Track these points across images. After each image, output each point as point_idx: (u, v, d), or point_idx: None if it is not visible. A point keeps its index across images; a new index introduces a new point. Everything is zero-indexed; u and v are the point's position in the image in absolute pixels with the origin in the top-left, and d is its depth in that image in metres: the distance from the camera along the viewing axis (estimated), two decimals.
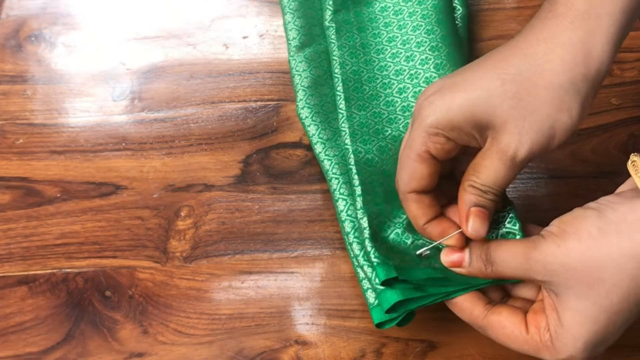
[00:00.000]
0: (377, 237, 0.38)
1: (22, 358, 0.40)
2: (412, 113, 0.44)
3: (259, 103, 0.49)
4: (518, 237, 0.35)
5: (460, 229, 0.35)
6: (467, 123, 0.32)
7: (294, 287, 0.42)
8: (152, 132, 0.48)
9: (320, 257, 0.43)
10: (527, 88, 0.32)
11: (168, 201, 0.45)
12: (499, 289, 0.37)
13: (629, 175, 0.33)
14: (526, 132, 0.32)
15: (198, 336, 0.41)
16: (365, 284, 0.38)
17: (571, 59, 0.32)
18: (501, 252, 0.33)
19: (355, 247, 0.39)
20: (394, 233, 0.39)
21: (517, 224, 0.35)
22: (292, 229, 0.44)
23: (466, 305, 0.35)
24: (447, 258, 0.35)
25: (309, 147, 0.47)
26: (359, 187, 0.40)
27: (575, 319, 0.31)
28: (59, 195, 0.46)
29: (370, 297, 0.38)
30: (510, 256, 0.33)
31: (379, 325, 0.37)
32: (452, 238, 0.35)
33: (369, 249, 0.37)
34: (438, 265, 0.36)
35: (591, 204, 0.31)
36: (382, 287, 0.36)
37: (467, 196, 0.34)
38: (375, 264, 0.36)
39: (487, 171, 0.33)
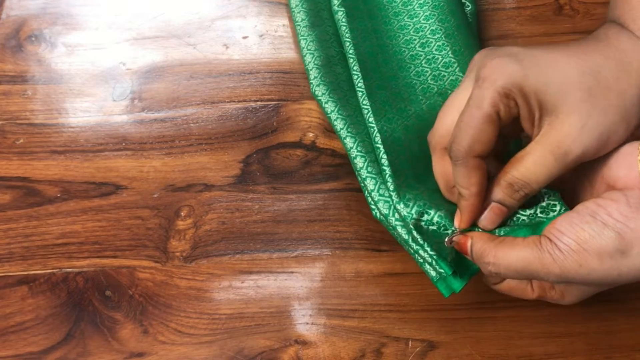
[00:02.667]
0: (421, 227, 0.37)
1: (22, 358, 0.40)
2: (434, 93, 0.43)
3: (259, 103, 0.49)
4: (558, 205, 0.35)
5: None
6: (537, 97, 0.32)
7: (294, 287, 0.42)
8: (152, 132, 0.48)
9: (320, 257, 0.43)
10: (602, 88, 0.32)
11: (168, 201, 0.45)
12: None
13: None
14: (588, 130, 0.31)
15: (198, 336, 0.41)
16: (419, 258, 0.37)
17: None
18: (507, 259, 0.33)
19: (402, 231, 0.38)
20: (437, 215, 0.37)
21: (557, 194, 0.35)
22: (292, 229, 0.44)
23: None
24: (458, 245, 0.36)
25: (309, 147, 0.47)
26: (389, 168, 0.38)
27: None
28: (59, 195, 0.46)
29: (430, 270, 0.37)
30: (520, 265, 0.32)
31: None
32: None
33: (420, 241, 0.36)
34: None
35: (606, 219, 0.31)
36: (448, 274, 0.36)
37: (497, 190, 0.34)
38: (435, 257, 0.36)
39: (532, 162, 0.33)
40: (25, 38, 0.53)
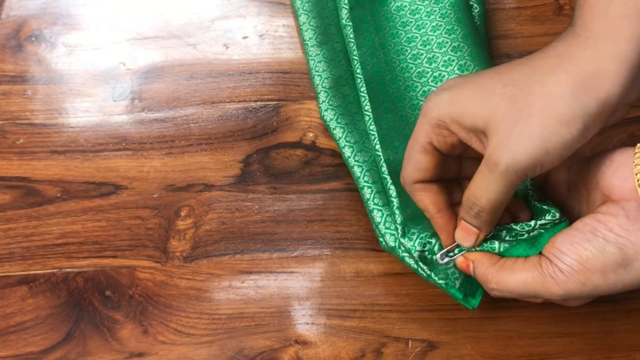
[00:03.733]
0: (425, 258, 0.38)
1: (22, 358, 0.40)
2: None
3: (259, 103, 0.49)
4: (558, 220, 0.35)
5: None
6: (468, 120, 0.32)
7: (294, 287, 0.42)
8: (152, 132, 0.48)
9: (320, 257, 0.43)
10: (525, 93, 0.31)
11: (168, 201, 0.45)
12: None
13: None
14: (515, 137, 0.30)
15: (198, 336, 0.41)
16: (435, 282, 0.38)
17: (578, 74, 0.30)
18: (509, 282, 0.33)
19: (411, 261, 0.38)
20: (438, 244, 0.37)
21: (557, 210, 0.35)
22: (292, 229, 0.44)
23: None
24: (460, 267, 0.36)
25: (309, 147, 0.47)
26: (396, 199, 0.39)
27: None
28: (59, 195, 0.46)
29: (451, 293, 0.38)
30: (522, 288, 0.33)
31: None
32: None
33: (428, 272, 0.37)
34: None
35: (607, 235, 0.31)
36: (459, 299, 0.37)
37: (461, 208, 0.35)
38: (444, 285, 0.37)
39: (476, 179, 0.33)
40: (25, 38, 0.53)
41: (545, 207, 0.35)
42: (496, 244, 0.35)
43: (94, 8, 0.54)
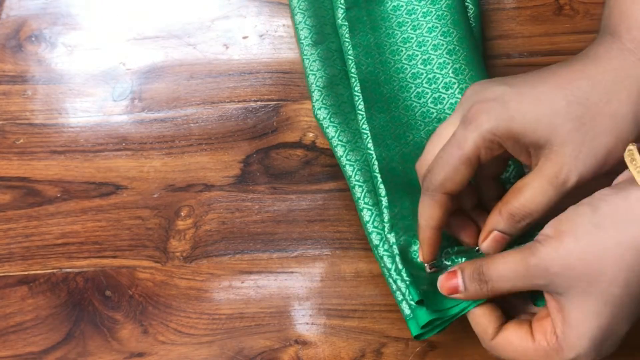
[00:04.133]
0: (406, 254, 0.38)
1: (22, 358, 0.40)
2: (433, 118, 0.43)
3: (259, 103, 0.49)
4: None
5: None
6: (527, 137, 0.32)
7: (294, 287, 0.42)
8: (152, 132, 0.48)
9: (320, 257, 0.43)
10: (592, 114, 0.32)
11: (168, 201, 0.45)
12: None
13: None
14: (583, 157, 0.32)
15: (198, 336, 0.41)
16: (399, 296, 0.37)
17: (636, 92, 0.32)
18: (496, 267, 0.33)
19: (387, 261, 0.38)
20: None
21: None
22: (292, 229, 0.44)
23: (482, 322, 0.35)
24: (444, 285, 0.35)
25: (309, 147, 0.47)
26: (385, 198, 0.39)
27: (580, 316, 0.31)
28: (59, 195, 0.46)
29: (405, 308, 0.37)
30: (507, 270, 0.32)
31: (417, 337, 0.36)
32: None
33: (399, 266, 0.37)
34: None
35: (585, 200, 0.31)
36: (415, 305, 0.36)
37: (498, 219, 0.34)
38: (407, 282, 0.36)
39: (532, 193, 0.32)
40: (25, 38, 0.53)
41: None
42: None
43: (94, 8, 0.54)
